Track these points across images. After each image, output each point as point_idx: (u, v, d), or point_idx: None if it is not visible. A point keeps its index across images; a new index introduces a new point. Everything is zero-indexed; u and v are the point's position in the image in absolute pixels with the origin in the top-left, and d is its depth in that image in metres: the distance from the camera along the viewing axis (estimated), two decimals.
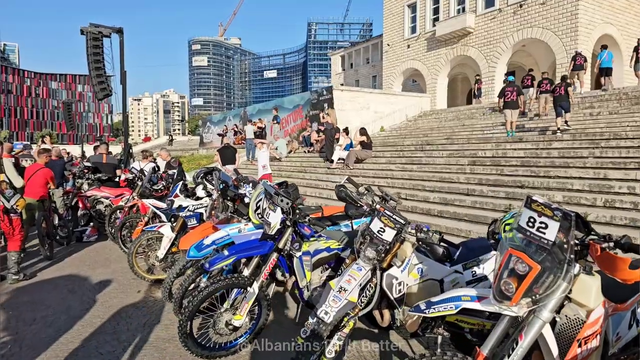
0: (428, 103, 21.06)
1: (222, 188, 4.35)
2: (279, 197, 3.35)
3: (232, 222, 4.21)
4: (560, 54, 21.41)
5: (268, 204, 3.43)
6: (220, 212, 4.26)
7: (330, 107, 17.62)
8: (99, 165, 8.78)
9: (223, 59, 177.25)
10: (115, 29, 15.64)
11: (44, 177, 6.97)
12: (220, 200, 4.36)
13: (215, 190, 4.49)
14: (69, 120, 31.83)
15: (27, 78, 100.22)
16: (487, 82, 24.82)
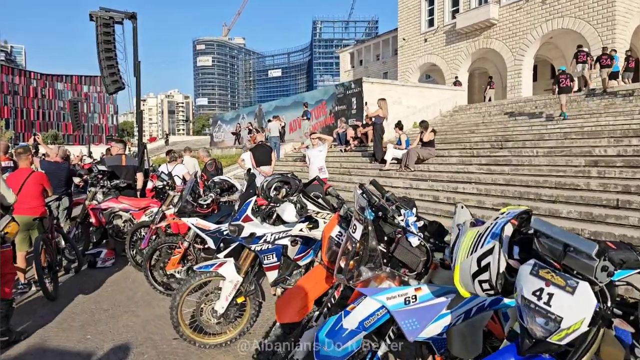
0: (464, 97, 19.15)
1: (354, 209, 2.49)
2: None
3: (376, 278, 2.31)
4: (595, 45, 19.49)
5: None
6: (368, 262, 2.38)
7: (359, 101, 15.74)
8: (116, 168, 6.89)
9: (227, 58, 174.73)
10: (129, 14, 13.67)
11: (38, 184, 5.12)
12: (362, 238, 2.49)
13: (338, 211, 2.57)
14: (75, 119, 29.98)
15: (33, 79, 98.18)
16: (513, 75, 22.94)
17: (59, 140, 75.99)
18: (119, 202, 6.40)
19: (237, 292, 3.28)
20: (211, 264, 3.35)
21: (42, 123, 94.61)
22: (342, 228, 2.42)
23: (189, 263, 4.68)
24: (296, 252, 3.18)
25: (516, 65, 22.68)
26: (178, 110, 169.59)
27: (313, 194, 3.05)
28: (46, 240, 5.00)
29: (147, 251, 4.74)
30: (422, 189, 8.33)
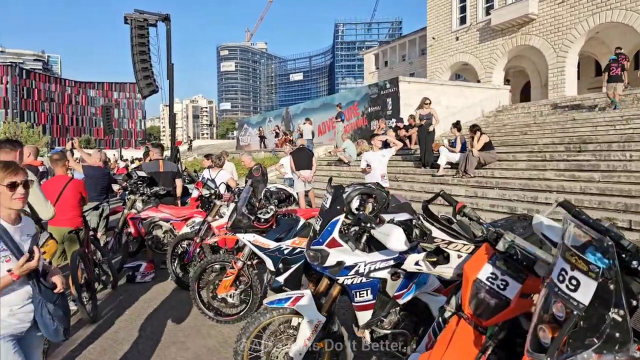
0: (507, 96, 18.04)
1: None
2: None
3: None
4: None
5: None
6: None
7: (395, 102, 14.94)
8: (154, 175, 6.33)
9: (250, 63, 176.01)
10: (162, 16, 13.30)
11: (76, 193, 4.59)
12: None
13: (489, 242, 1.81)
14: (107, 124, 30.24)
15: (68, 87, 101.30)
16: (556, 73, 21.61)
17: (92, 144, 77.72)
18: (159, 211, 5.83)
19: (317, 336, 2.58)
20: (285, 297, 2.66)
21: (75, 128, 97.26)
22: (496, 268, 1.68)
23: (242, 285, 4.03)
24: (397, 288, 2.46)
25: (559, 63, 21.36)
26: (202, 115, 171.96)
27: (417, 216, 2.32)
28: (83, 254, 4.44)
29: (195, 271, 4.11)
30: (491, 198, 7.33)
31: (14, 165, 2.01)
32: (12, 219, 2.04)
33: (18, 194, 1.98)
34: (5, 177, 1.95)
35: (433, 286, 2.65)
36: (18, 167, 2.02)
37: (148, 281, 5.59)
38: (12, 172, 1.97)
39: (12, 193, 1.95)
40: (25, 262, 1.90)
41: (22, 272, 1.91)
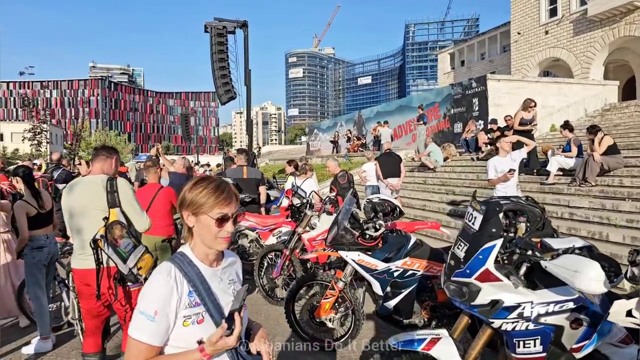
0: (614, 93, 16.09)
1: None
2: None
3: None
4: None
5: None
6: None
7: (483, 102, 13.85)
8: (239, 181, 6.21)
9: (317, 69, 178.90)
10: (240, 23, 13.60)
11: (167, 201, 4.50)
12: None
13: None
14: (186, 131, 31.98)
15: (150, 97, 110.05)
16: None
17: (171, 150, 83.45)
18: (245, 220, 5.65)
19: None
20: (418, 339, 2.19)
21: (156, 136, 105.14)
22: None
23: (342, 308, 3.63)
24: (577, 339, 1.89)
25: None
26: (271, 121, 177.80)
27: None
28: None
29: (290, 290, 3.79)
30: (626, 212, 6.15)
31: (227, 190, 1.37)
32: (210, 259, 1.42)
33: (225, 233, 1.35)
34: (216, 205, 1.33)
35: (619, 336, 2.02)
36: (231, 192, 1.39)
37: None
38: (224, 200, 1.34)
39: (219, 229, 1.34)
40: (220, 338, 1.26)
41: (215, 351, 1.28)
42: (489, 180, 5.53)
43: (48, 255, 4.04)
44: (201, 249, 1.39)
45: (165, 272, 1.32)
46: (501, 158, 5.51)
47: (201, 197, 1.33)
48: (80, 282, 2.89)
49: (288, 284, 4.89)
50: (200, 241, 1.38)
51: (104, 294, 2.83)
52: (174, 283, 1.31)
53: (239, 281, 1.54)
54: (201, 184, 1.36)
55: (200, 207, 1.33)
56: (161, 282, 1.30)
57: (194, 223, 1.36)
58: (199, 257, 1.39)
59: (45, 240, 4.04)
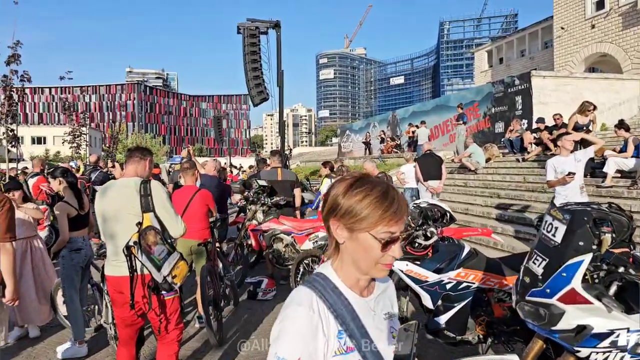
0: None
1: None
2: None
3: None
4: None
5: None
6: None
7: (527, 100, 13.21)
8: (273, 184, 6.07)
9: (348, 70, 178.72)
10: (273, 23, 13.60)
11: (204, 204, 4.40)
12: None
13: None
14: (218, 133, 32.46)
15: (184, 100, 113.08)
16: None
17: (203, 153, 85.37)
18: (281, 224, 5.51)
19: None
20: None
21: (190, 138, 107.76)
22: None
23: None
24: None
25: None
26: (301, 123, 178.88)
27: None
28: (211, 270, 4.23)
29: None
30: None
31: (397, 201, 1.00)
32: (361, 286, 1.08)
33: (390, 259, 1.01)
34: (382, 220, 0.98)
35: None
36: (402, 204, 1.01)
37: (269, 299, 5.28)
38: (394, 214, 0.99)
39: (384, 254, 0.99)
40: None
41: None
42: (547, 182, 5.10)
43: (85, 257, 4.02)
44: (351, 274, 1.04)
45: (307, 304, 1.00)
46: (563, 158, 5.04)
47: (363, 208, 0.98)
48: (114, 290, 2.79)
49: None
50: (352, 263, 1.03)
51: (137, 303, 2.71)
52: (318, 319, 0.98)
53: (395, 314, 1.16)
54: (362, 189, 1.00)
55: (360, 221, 0.98)
56: (302, 318, 0.98)
57: (345, 239, 1.02)
58: (346, 283, 1.05)
59: (83, 243, 4.02)
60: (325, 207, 1.05)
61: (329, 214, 1.04)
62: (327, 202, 1.05)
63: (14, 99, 13.17)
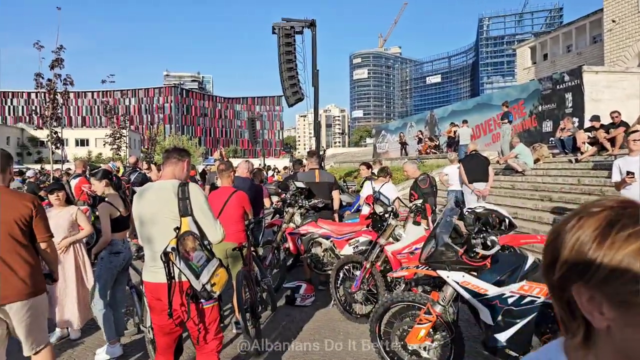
0: None
1: None
2: None
3: None
4: None
5: None
6: None
7: (578, 97, 12.46)
8: (311, 186, 5.91)
9: (383, 69, 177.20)
10: (308, 22, 13.51)
11: (239, 206, 4.29)
12: None
13: None
14: (252, 135, 32.76)
15: (218, 103, 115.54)
16: None
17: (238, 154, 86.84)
18: (319, 227, 5.34)
19: None
20: None
21: (224, 140, 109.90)
22: None
23: (439, 335, 3.13)
24: None
25: None
26: (335, 123, 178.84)
27: None
28: (247, 275, 4.11)
29: (376, 311, 3.36)
30: None
31: None
32: None
33: None
34: None
35: None
36: None
37: (308, 305, 5.12)
38: None
39: None
40: None
41: None
42: (614, 185, 4.64)
43: (123, 261, 4.00)
44: None
45: None
46: (631, 158, 4.59)
47: None
48: (152, 296, 2.70)
49: (368, 299, 4.49)
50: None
51: (175, 311, 2.60)
52: None
53: None
54: (629, 230, 0.60)
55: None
56: None
57: (612, 321, 0.60)
58: None
59: (122, 246, 4.01)
60: (547, 259, 0.68)
61: (565, 273, 0.64)
62: (557, 252, 0.65)
63: (57, 102, 13.75)
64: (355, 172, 22.34)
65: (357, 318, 4.50)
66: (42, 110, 13.58)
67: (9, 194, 2.61)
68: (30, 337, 2.62)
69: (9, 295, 2.48)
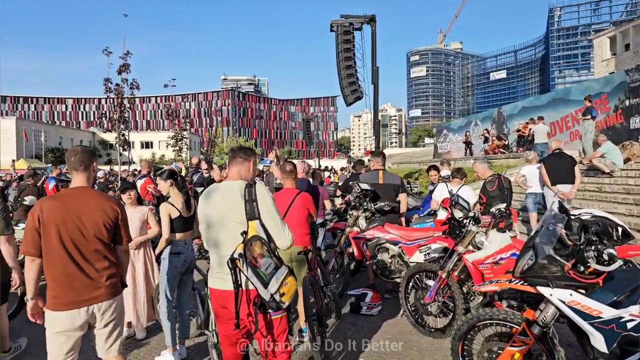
0: None
1: None
2: None
3: None
4: None
5: None
6: None
7: None
8: (376, 187, 5.63)
9: (442, 66, 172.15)
10: (368, 18, 13.24)
11: (304, 208, 4.13)
12: None
13: None
14: (307, 135, 32.97)
15: (273, 105, 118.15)
16: None
17: (292, 155, 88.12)
18: (386, 232, 5.06)
19: None
20: None
21: (279, 141, 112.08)
22: None
23: None
24: None
25: None
26: (391, 123, 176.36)
27: None
28: (313, 281, 3.94)
29: (459, 328, 3.04)
30: None
31: None
32: None
33: None
34: None
35: None
36: None
37: (374, 314, 4.86)
38: None
39: None
40: None
41: None
42: None
43: (184, 263, 3.98)
44: None
45: None
46: None
47: None
48: (218, 304, 2.59)
49: (443, 312, 4.15)
50: None
51: (242, 321, 2.46)
52: None
53: None
54: None
55: None
56: None
57: None
58: None
59: (184, 247, 3.99)
60: None
61: None
62: None
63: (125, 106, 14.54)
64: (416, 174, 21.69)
65: (431, 332, 4.17)
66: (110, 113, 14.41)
67: (97, 196, 2.65)
68: (110, 338, 2.63)
69: (98, 295, 2.51)
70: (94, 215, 2.52)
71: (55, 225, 2.42)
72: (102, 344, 2.63)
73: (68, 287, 2.44)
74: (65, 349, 2.47)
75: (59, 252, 2.43)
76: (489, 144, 20.52)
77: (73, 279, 2.45)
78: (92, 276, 2.49)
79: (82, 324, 2.49)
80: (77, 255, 2.47)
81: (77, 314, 2.46)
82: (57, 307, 2.44)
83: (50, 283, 2.46)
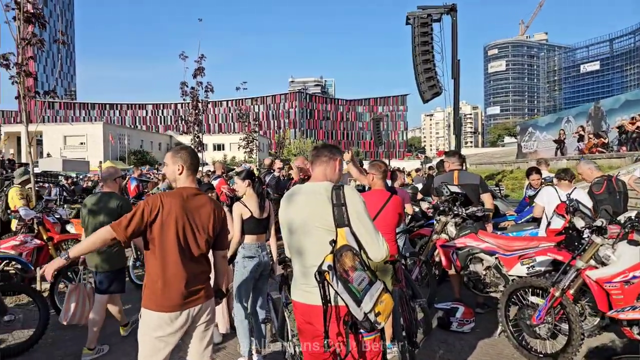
0: None
1: None
2: None
3: None
4: None
5: None
6: None
7: None
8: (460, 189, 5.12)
9: (524, 59, 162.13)
10: (448, 8, 12.56)
11: (396, 213, 3.80)
12: None
13: None
14: (377, 135, 32.47)
15: (340, 105, 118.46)
16: None
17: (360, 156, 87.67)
18: (481, 241, 4.57)
19: None
20: None
21: (346, 142, 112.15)
22: None
23: None
24: None
25: None
26: (466, 122, 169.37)
27: None
28: (402, 295, 3.62)
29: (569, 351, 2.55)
30: None
31: None
32: None
33: None
34: None
35: None
36: None
37: (466, 331, 4.40)
38: None
39: None
40: None
41: None
42: None
43: (258, 267, 3.85)
44: None
45: None
46: None
47: None
48: (303, 319, 2.35)
49: (555, 335, 3.62)
50: None
51: (330, 340, 2.20)
52: None
53: None
54: None
55: None
56: None
57: None
58: None
59: (257, 250, 3.86)
60: None
61: None
62: None
63: (200, 109, 15.21)
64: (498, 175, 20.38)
65: (539, 358, 3.66)
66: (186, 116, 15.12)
67: (207, 198, 2.64)
68: (205, 339, 2.58)
69: (199, 297, 2.49)
70: (206, 218, 2.52)
71: (174, 224, 2.40)
72: (198, 347, 2.56)
73: (176, 288, 2.40)
74: (161, 356, 2.41)
75: (173, 253, 2.40)
76: (585, 142, 18.75)
77: (182, 280, 2.41)
78: (197, 279, 2.49)
79: (182, 326, 2.43)
80: (189, 257, 2.45)
81: (180, 316, 2.41)
82: (162, 309, 2.37)
83: (157, 283, 2.39)
